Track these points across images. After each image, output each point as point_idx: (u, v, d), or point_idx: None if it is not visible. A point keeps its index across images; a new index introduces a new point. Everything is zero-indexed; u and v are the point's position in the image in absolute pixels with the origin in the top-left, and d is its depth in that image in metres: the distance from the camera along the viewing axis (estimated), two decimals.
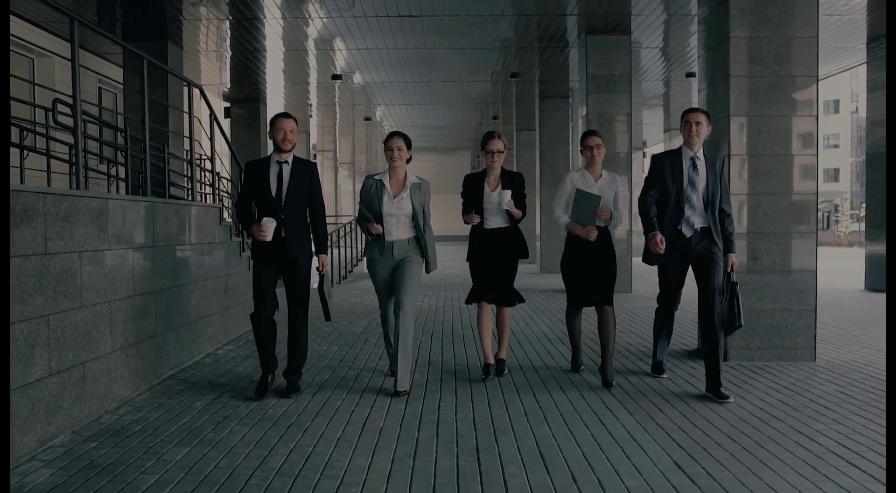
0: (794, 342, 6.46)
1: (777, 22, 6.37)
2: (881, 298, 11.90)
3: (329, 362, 6.51)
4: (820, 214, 59.86)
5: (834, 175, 67.67)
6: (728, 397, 5.07)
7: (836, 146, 67.31)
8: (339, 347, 7.29)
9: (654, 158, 5.52)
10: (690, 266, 5.38)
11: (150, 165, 6.95)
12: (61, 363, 4.30)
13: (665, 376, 5.87)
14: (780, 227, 6.49)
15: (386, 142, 5.47)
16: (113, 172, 8.89)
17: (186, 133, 8.71)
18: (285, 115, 5.31)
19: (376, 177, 5.55)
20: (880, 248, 12.96)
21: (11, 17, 10.45)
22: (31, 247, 4.02)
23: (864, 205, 14.03)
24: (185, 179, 9.05)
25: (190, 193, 8.28)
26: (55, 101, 7.12)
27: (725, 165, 5.42)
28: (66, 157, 7.55)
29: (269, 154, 5.24)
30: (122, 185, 8.15)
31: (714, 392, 5.13)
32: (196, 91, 7.99)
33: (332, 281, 9.44)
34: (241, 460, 3.88)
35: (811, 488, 3.46)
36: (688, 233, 5.29)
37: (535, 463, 3.81)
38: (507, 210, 5.59)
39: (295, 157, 5.33)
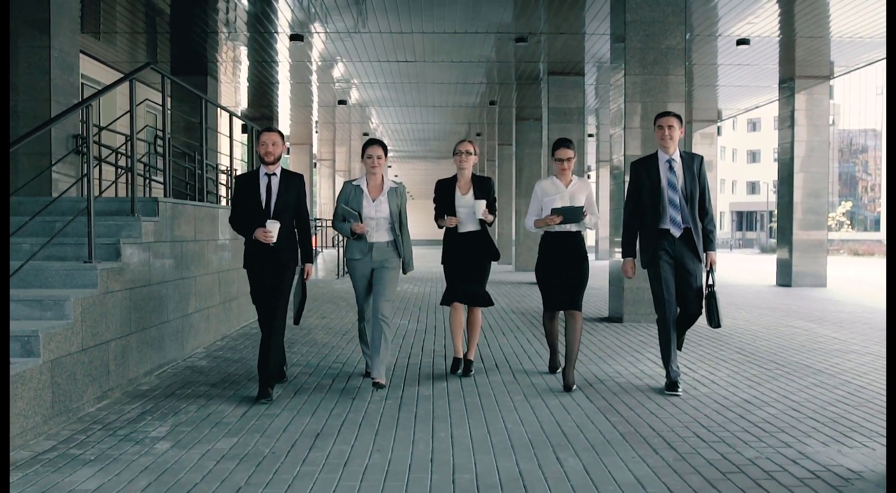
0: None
1: (657, 93, 9.29)
2: (783, 290, 14.87)
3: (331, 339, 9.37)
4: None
5: (753, 188, 71.62)
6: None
7: (756, 161, 72.14)
8: (342, 319, 10.17)
9: (633, 164, 5.58)
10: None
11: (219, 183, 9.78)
12: (199, 306, 7.17)
13: (679, 393, 5.47)
14: None
15: (365, 149, 5.63)
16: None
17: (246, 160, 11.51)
18: (268, 128, 5.36)
19: (354, 182, 5.73)
20: (785, 250, 15.94)
21: (90, 61, 13.32)
22: (185, 236, 6.87)
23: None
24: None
25: None
26: (156, 137, 10.00)
27: (703, 165, 5.54)
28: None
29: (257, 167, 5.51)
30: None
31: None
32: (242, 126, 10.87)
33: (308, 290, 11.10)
34: (311, 358, 6.75)
35: (605, 379, 6.34)
36: (676, 233, 5.36)
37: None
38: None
39: (283, 169, 5.41)
